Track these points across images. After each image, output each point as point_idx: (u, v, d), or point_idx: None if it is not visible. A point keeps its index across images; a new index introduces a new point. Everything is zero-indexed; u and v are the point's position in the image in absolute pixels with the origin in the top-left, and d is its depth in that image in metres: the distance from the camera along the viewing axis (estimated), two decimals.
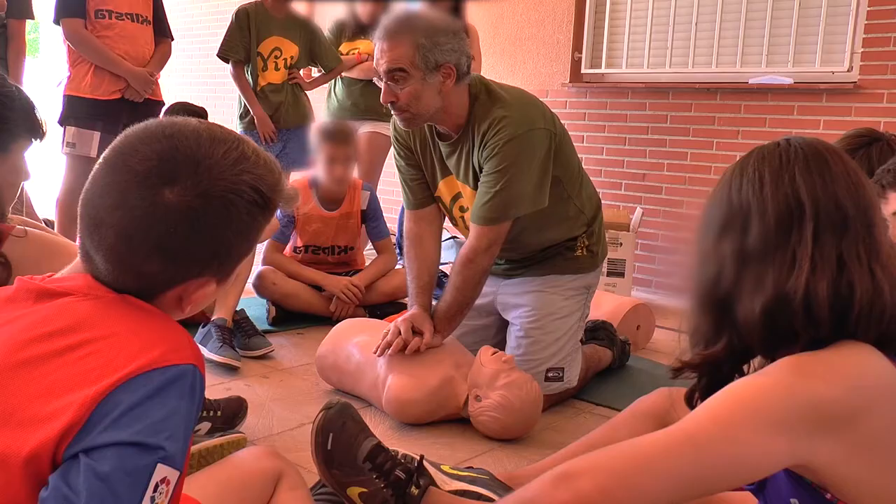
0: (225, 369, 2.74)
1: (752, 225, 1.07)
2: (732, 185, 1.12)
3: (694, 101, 4.40)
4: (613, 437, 1.77)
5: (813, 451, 0.97)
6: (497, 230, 2.37)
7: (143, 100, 3.84)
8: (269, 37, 4.28)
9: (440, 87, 2.30)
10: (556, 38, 4.96)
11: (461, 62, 2.31)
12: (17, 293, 1.02)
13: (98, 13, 3.72)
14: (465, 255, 2.40)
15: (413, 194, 2.62)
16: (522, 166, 2.33)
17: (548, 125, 2.39)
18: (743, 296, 1.06)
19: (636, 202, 4.58)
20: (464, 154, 2.43)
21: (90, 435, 0.87)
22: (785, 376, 1.00)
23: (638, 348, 3.29)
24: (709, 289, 1.11)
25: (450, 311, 2.45)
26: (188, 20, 7.08)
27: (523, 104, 2.40)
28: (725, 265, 1.09)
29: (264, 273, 3.46)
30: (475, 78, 2.43)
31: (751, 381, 1.03)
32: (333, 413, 1.75)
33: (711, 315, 1.11)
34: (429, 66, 2.26)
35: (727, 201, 1.11)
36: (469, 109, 2.38)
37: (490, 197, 2.34)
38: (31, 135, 1.68)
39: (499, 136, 2.31)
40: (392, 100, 2.32)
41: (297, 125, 4.38)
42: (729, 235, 1.09)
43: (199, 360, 0.98)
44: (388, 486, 1.68)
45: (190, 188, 0.98)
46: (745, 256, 1.07)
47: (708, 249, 1.12)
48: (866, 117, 3.83)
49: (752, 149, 1.15)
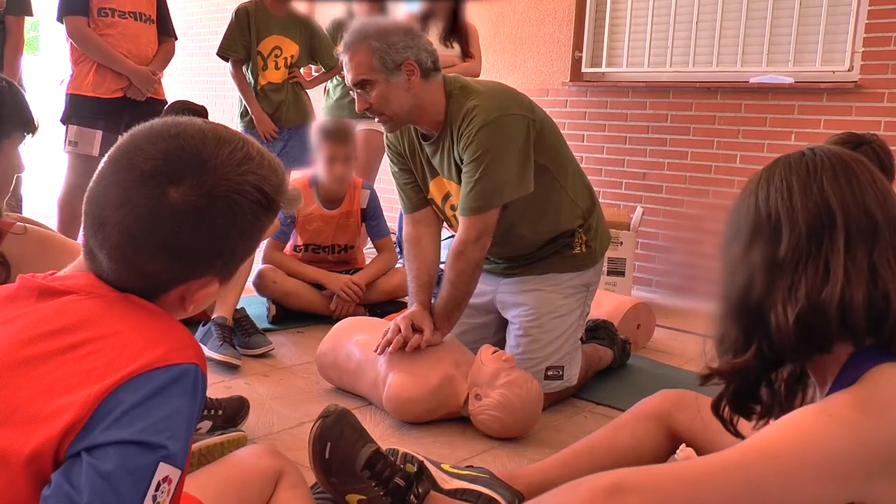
0: (225, 368, 2.74)
1: (783, 234, 1.07)
2: (759, 194, 1.11)
3: (694, 100, 4.40)
4: (615, 437, 1.77)
5: (868, 491, 0.97)
6: (484, 219, 2.38)
7: (146, 98, 3.84)
8: (270, 36, 4.28)
9: (407, 85, 2.37)
10: (556, 37, 4.96)
11: (421, 58, 2.37)
12: (19, 291, 1.02)
13: (101, 11, 3.72)
14: (456, 248, 2.42)
15: (408, 198, 2.65)
16: (500, 152, 2.35)
17: (524, 111, 2.41)
18: (775, 305, 1.06)
19: (636, 201, 4.58)
20: (445, 151, 2.46)
21: (92, 433, 0.87)
22: (852, 418, 0.98)
23: (638, 347, 3.30)
24: (739, 298, 1.10)
25: (447, 307, 2.45)
26: (189, 18, 7.08)
27: (496, 93, 2.45)
28: (756, 274, 1.08)
29: (265, 271, 3.46)
30: (450, 78, 2.48)
31: (814, 420, 1.01)
32: (330, 421, 1.75)
33: (741, 323, 1.11)
34: (388, 66, 2.34)
35: (755, 210, 1.11)
36: (446, 107, 2.43)
37: (472, 186, 2.36)
38: (23, 129, 1.68)
39: (472, 124, 2.34)
40: (365, 107, 2.42)
41: (298, 124, 4.38)
42: (758, 245, 1.09)
43: (202, 359, 0.98)
44: (388, 493, 1.68)
45: (195, 187, 0.98)
46: (776, 266, 1.07)
47: (736, 258, 1.12)
48: (867, 117, 3.83)
49: (776, 158, 1.15)
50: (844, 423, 0.98)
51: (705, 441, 1.69)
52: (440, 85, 2.43)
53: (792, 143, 4.04)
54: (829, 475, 0.96)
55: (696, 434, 1.70)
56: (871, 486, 0.97)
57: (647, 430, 1.74)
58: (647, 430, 1.74)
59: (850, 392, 1.02)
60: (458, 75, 2.55)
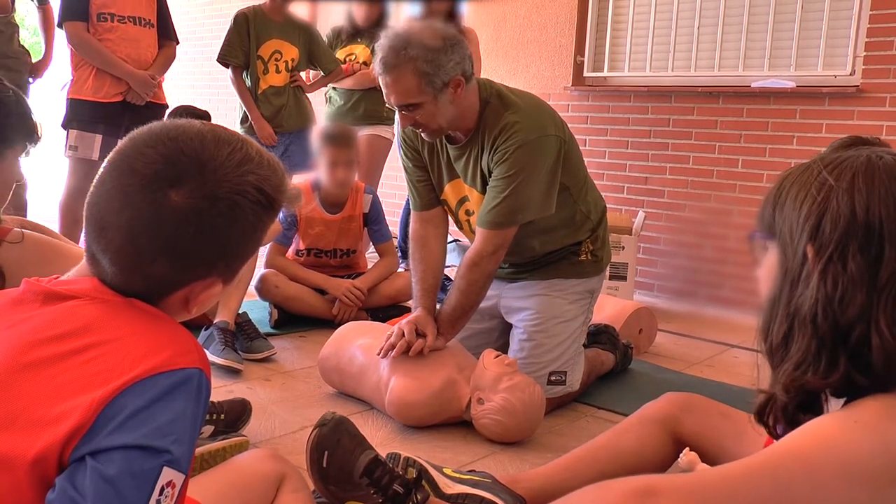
0: (227, 372, 2.74)
1: (885, 248, 1.01)
2: (856, 198, 1.03)
3: (696, 104, 4.40)
4: (619, 442, 1.76)
5: (890, 497, 0.96)
6: (503, 235, 2.38)
7: (145, 103, 3.85)
8: (269, 40, 4.29)
9: (453, 98, 2.30)
10: (558, 41, 4.97)
11: (466, 68, 2.30)
12: (24, 295, 1.02)
13: (100, 16, 3.73)
14: (471, 259, 2.40)
15: (420, 195, 2.62)
16: (532, 172, 2.33)
17: (558, 132, 2.39)
18: (876, 324, 1.00)
19: (638, 206, 4.58)
20: (472, 158, 2.43)
21: (96, 438, 0.87)
22: (878, 425, 0.97)
23: (640, 352, 3.29)
24: (827, 312, 1.03)
25: (454, 314, 2.45)
26: (191, 23, 7.09)
27: (535, 110, 2.40)
28: (852, 289, 1.02)
29: (267, 276, 3.46)
30: (485, 82, 2.43)
31: (840, 424, 0.99)
32: (327, 430, 1.74)
33: (824, 339, 1.04)
34: (436, 87, 2.25)
35: (849, 216, 1.03)
36: (480, 113, 2.38)
37: (499, 202, 2.34)
38: (26, 140, 1.69)
39: (510, 141, 2.31)
40: (411, 124, 2.35)
41: (299, 128, 4.39)
42: (852, 255, 1.02)
43: (206, 364, 0.98)
44: (387, 500, 1.68)
45: (195, 189, 0.98)
46: (877, 282, 1.01)
47: (826, 267, 1.03)
48: (869, 121, 3.83)
49: (850, 156, 1.07)
50: (871, 429, 0.97)
51: (713, 446, 1.69)
52: (476, 89, 2.38)
53: (793, 147, 4.04)
54: (856, 479, 0.95)
55: (704, 438, 1.69)
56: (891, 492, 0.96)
57: (651, 434, 1.73)
58: (652, 434, 1.73)
59: (876, 399, 1.00)
60: (491, 80, 2.50)
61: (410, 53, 2.22)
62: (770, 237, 1.14)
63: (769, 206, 1.15)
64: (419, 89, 2.25)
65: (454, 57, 2.25)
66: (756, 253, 1.19)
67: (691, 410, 1.72)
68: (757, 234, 1.18)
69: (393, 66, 2.24)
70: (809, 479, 0.95)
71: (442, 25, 2.32)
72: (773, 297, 1.11)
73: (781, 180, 1.14)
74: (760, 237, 1.17)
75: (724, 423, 1.70)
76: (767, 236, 1.15)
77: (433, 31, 2.27)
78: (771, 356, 1.12)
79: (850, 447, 0.96)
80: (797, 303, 1.07)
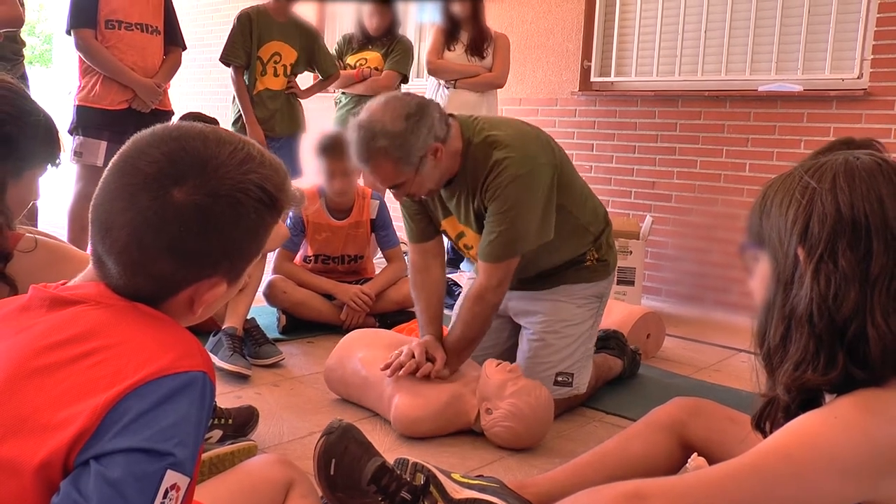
0: (235, 378, 2.74)
1: (873, 244, 1.03)
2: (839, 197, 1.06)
3: (703, 108, 4.39)
4: (627, 447, 1.76)
5: (878, 489, 0.97)
6: (506, 266, 2.38)
7: (151, 110, 3.86)
8: (270, 41, 4.29)
9: (435, 164, 2.31)
10: (565, 46, 4.97)
11: (438, 130, 2.28)
12: (31, 301, 1.03)
13: (108, 23, 3.75)
14: (476, 293, 2.41)
15: (416, 226, 2.61)
16: (527, 204, 2.33)
17: (548, 158, 2.39)
18: (873, 317, 1.02)
19: (646, 210, 4.57)
20: (462, 199, 2.44)
21: (100, 441, 0.88)
22: (858, 418, 0.98)
23: (648, 357, 3.29)
24: (823, 309, 1.05)
25: (459, 345, 2.45)
26: (199, 30, 7.12)
27: (521, 139, 2.38)
28: (845, 285, 1.03)
29: (275, 282, 3.46)
30: (466, 120, 2.42)
31: (822, 421, 1.00)
32: (334, 438, 1.74)
33: (821, 336, 1.05)
34: (414, 164, 2.27)
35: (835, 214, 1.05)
36: (463, 153, 2.38)
37: (496, 236, 2.35)
38: (47, 162, 1.69)
39: (501, 176, 2.30)
40: (404, 196, 2.41)
41: (289, 134, 4.40)
42: (841, 253, 1.04)
43: (210, 367, 0.99)
44: None
45: (198, 187, 0.99)
46: (868, 276, 1.03)
47: (818, 266, 1.06)
48: (876, 124, 3.82)
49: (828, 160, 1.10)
50: (852, 423, 0.98)
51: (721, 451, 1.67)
52: (458, 133, 2.37)
53: (801, 151, 4.02)
54: (842, 473, 0.96)
55: (712, 443, 1.68)
56: (882, 484, 0.97)
57: (659, 439, 1.73)
58: (660, 439, 1.73)
59: (856, 394, 1.02)
60: (473, 115, 2.50)
61: (379, 144, 2.23)
62: (760, 247, 1.16)
63: (756, 216, 1.17)
64: (397, 172, 2.28)
65: (421, 131, 2.24)
66: (748, 264, 1.20)
67: (699, 415, 1.71)
68: (747, 245, 1.19)
69: (367, 160, 2.28)
70: (795, 476, 0.96)
71: (401, 101, 2.27)
72: (768, 302, 1.13)
73: (765, 190, 1.17)
74: (750, 248, 1.18)
75: (733, 428, 1.69)
76: (757, 246, 1.16)
77: (394, 114, 2.23)
78: (769, 359, 1.13)
79: (834, 442, 0.97)
80: (792, 304, 1.08)
